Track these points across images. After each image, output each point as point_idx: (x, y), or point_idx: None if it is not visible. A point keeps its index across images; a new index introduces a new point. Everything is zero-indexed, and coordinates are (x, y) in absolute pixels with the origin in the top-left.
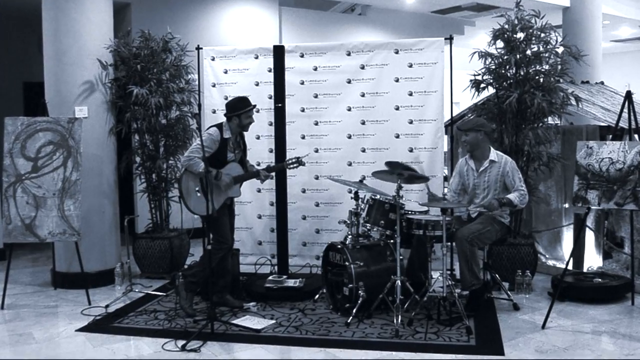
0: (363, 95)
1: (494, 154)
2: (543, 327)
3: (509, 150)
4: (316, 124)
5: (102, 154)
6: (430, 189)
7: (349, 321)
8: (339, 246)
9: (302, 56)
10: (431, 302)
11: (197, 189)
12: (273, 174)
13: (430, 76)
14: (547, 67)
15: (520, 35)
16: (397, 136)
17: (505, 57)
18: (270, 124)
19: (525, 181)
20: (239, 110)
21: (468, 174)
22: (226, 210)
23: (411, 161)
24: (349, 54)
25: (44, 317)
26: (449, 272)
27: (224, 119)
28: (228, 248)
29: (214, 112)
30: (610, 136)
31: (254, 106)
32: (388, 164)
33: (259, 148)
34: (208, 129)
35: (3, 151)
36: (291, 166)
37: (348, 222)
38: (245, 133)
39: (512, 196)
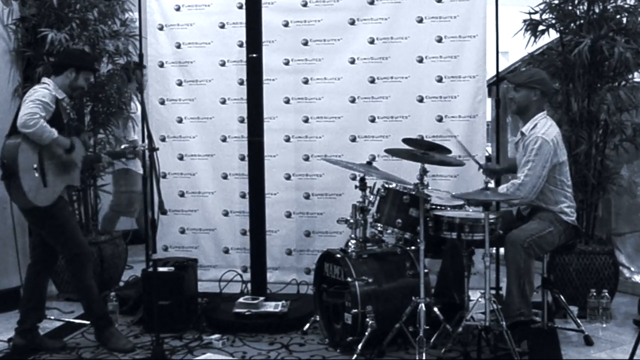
0: (372, 42)
1: (530, 124)
2: None
3: (578, 119)
4: (306, 82)
5: (3, 124)
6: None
7: None
8: (339, 255)
9: None
10: (469, 334)
11: (34, 166)
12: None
13: (468, 15)
14: (632, 1)
15: None
16: (421, 99)
17: None
18: (241, 83)
19: (601, 163)
20: (82, 63)
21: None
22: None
23: (441, 135)
24: None
25: None
26: (494, 293)
27: (174, 75)
28: (88, 257)
29: (162, 65)
30: None
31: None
32: (407, 141)
33: (224, 116)
34: (41, 84)
35: None
36: (129, 156)
37: (351, 220)
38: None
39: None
